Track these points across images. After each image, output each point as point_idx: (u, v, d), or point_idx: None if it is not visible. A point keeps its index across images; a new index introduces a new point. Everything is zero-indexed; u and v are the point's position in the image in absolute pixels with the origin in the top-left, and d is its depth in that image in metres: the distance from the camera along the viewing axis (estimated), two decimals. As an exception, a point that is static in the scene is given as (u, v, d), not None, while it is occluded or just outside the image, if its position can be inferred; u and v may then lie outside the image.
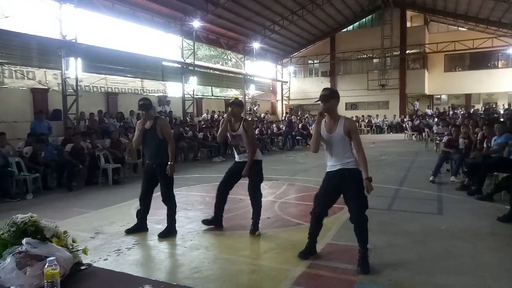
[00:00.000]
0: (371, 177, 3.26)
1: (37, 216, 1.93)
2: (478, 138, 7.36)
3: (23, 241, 1.74)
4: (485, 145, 6.75)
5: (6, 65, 10.97)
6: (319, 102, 3.30)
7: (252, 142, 4.30)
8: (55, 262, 1.55)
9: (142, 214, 4.48)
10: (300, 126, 17.16)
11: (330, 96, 3.30)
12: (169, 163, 4.25)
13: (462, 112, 19.51)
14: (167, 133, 4.34)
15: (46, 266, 1.54)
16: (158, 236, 4.28)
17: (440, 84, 24.92)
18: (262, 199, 4.47)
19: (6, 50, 10.03)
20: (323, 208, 3.50)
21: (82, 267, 1.87)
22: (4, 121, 9.03)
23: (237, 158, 4.49)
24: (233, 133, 4.32)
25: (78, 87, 11.37)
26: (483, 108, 21.67)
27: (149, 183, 4.45)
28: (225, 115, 4.48)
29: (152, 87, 17.48)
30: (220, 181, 4.57)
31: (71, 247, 1.91)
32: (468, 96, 25.10)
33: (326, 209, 3.52)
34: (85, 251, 1.96)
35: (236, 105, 4.32)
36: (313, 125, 3.49)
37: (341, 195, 3.44)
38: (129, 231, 4.42)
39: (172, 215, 4.38)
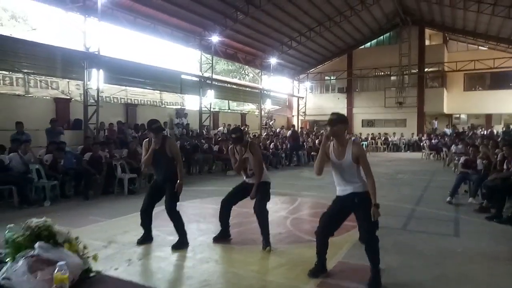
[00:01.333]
0: (379, 204, 3.22)
1: (51, 221, 1.98)
2: (498, 159, 7.17)
3: (36, 245, 1.78)
4: (505, 167, 6.57)
5: (32, 75, 11.38)
6: (327, 125, 3.32)
7: (259, 165, 4.35)
8: (65, 267, 1.58)
9: (147, 225, 4.53)
10: (317, 141, 17.09)
11: (337, 121, 3.28)
12: (178, 181, 4.31)
13: (482, 133, 19.07)
14: (175, 152, 4.42)
15: (56, 271, 1.57)
16: (171, 247, 4.30)
17: (459, 103, 24.51)
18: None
19: (32, 60, 10.44)
20: (327, 228, 3.45)
21: (91, 274, 1.89)
22: (27, 129, 9.31)
23: (245, 179, 4.54)
24: (242, 157, 4.39)
25: (99, 97, 11.67)
26: (503, 129, 21.13)
27: (153, 198, 4.49)
28: (229, 149, 4.58)
29: (170, 99, 17.79)
30: (225, 196, 4.63)
31: (82, 253, 1.94)
32: (488, 116, 24.55)
33: (332, 230, 3.47)
34: (95, 258, 1.99)
35: (235, 132, 4.43)
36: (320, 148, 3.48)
37: (349, 216, 3.41)
38: (139, 242, 4.47)
39: (180, 227, 4.41)
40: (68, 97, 12.27)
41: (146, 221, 4.52)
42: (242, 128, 4.57)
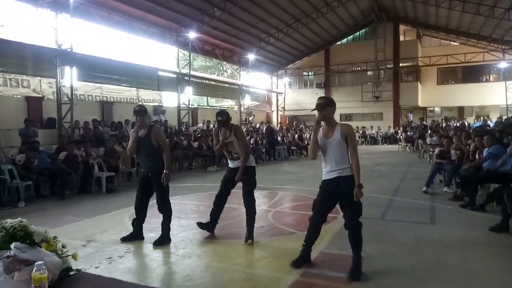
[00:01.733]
0: (362, 184, 3.28)
1: (26, 221, 1.92)
2: (470, 149, 7.44)
3: (12, 246, 1.73)
4: (477, 157, 6.83)
5: (1, 73, 10.95)
6: (315, 110, 3.35)
7: (244, 148, 4.36)
8: (43, 267, 1.54)
9: (138, 223, 4.45)
10: (296, 137, 17.24)
11: (326, 104, 3.35)
12: (164, 171, 4.23)
13: (455, 125, 19.72)
14: (162, 141, 4.34)
15: (34, 271, 1.53)
16: (153, 244, 4.24)
17: (433, 96, 25.24)
18: (257, 208, 4.48)
19: (1, 58, 10.03)
20: (321, 215, 3.51)
21: (71, 273, 1.85)
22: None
23: (230, 164, 4.55)
24: (225, 141, 4.37)
25: (73, 95, 11.36)
26: (475, 121, 21.92)
27: (144, 192, 4.42)
28: (213, 130, 4.56)
29: (147, 97, 17.53)
30: (218, 190, 4.61)
31: (60, 252, 1.90)
32: (460, 109, 25.42)
33: (325, 216, 3.53)
34: (74, 257, 1.95)
35: (221, 115, 4.37)
36: (312, 134, 3.54)
37: (337, 203, 3.47)
38: (124, 239, 4.38)
39: (167, 223, 4.36)
40: (40, 96, 11.90)
41: (140, 218, 4.43)
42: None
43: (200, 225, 4.62)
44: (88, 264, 3.59)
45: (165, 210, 4.34)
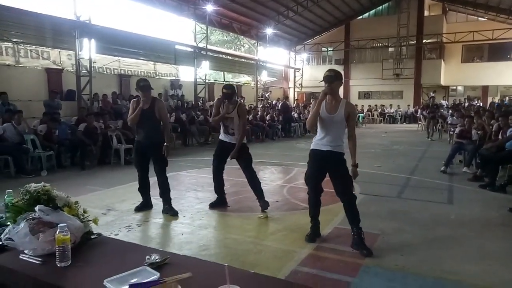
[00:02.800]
0: (358, 164, 3.36)
1: (49, 186, 1.98)
2: (493, 129, 7.22)
3: (36, 208, 1.78)
4: (500, 137, 6.63)
5: (22, 45, 11.08)
6: (322, 81, 3.31)
7: (243, 127, 4.45)
8: (66, 228, 1.59)
9: (144, 191, 4.58)
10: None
11: (335, 77, 3.32)
12: (165, 144, 4.31)
13: (478, 104, 19.10)
14: (164, 115, 4.42)
15: (57, 232, 1.58)
16: (162, 212, 4.41)
17: (456, 75, 24.36)
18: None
19: (21, 29, 10.13)
20: (317, 186, 3.55)
21: (93, 236, 1.92)
22: (20, 100, 9.17)
23: (222, 136, 4.60)
24: (226, 115, 4.42)
25: (92, 68, 11.45)
26: (498, 101, 21.14)
27: (144, 161, 4.49)
28: (216, 100, 4.64)
29: (164, 71, 17.49)
30: (213, 165, 4.67)
31: (82, 217, 1.96)
32: (485, 88, 24.50)
33: (319, 186, 3.57)
34: (95, 221, 2.01)
35: (227, 88, 4.45)
36: (313, 102, 3.53)
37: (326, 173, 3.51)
38: (137, 209, 4.53)
39: (166, 194, 4.46)
40: (60, 68, 12.02)
41: (143, 187, 4.55)
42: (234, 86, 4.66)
43: (212, 205, 4.71)
44: (108, 232, 3.71)
45: (163, 178, 4.43)
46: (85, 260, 1.63)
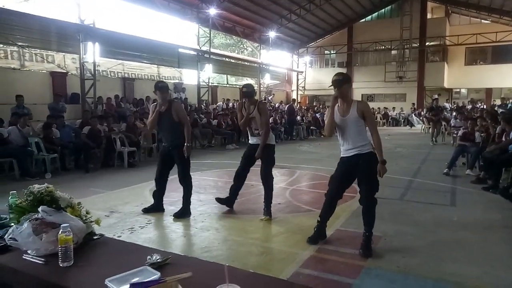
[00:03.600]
0: (385, 160, 3.27)
1: (52, 187, 2.00)
2: (497, 132, 7.20)
3: (39, 209, 1.81)
4: (503, 139, 6.60)
5: (27, 48, 11.18)
6: (331, 86, 3.31)
7: (266, 124, 4.35)
8: (69, 229, 1.62)
9: (158, 195, 4.59)
10: (318, 116, 17.11)
11: (343, 81, 3.30)
12: (185, 144, 4.32)
13: (481, 107, 19.00)
14: (182, 116, 4.42)
15: (60, 232, 1.60)
16: (173, 216, 4.39)
17: (460, 77, 24.30)
18: (275, 185, 4.54)
19: (26, 33, 10.23)
20: (338, 190, 3.50)
21: (95, 237, 1.94)
22: (25, 103, 9.22)
23: (250, 140, 4.58)
24: (249, 116, 4.39)
25: (96, 71, 11.53)
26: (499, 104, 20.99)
27: (165, 165, 4.52)
28: (236, 104, 4.63)
29: (168, 74, 17.58)
30: (239, 166, 4.64)
31: (84, 218, 1.98)
32: (488, 91, 24.40)
33: (341, 192, 3.53)
34: (97, 222, 2.03)
35: (246, 87, 4.45)
36: (327, 110, 3.50)
37: (355, 180, 3.47)
38: (145, 210, 4.55)
39: (188, 196, 4.47)
40: (65, 71, 12.11)
41: (160, 190, 4.56)
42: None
43: (219, 200, 4.72)
44: (111, 233, 3.73)
45: (186, 182, 4.45)
46: (87, 260, 1.65)
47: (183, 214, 4.40)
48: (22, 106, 8.67)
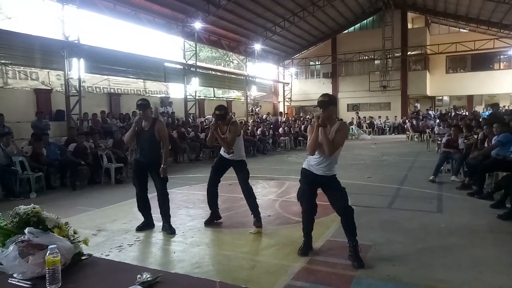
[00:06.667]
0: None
1: (39, 207, 1.97)
2: (479, 138, 7.37)
3: (26, 231, 1.78)
4: (486, 145, 6.77)
5: (10, 66, 11.05)
6: (317, 107, 3.36)
7: (232, 139, 4.42)
8: (56, 250, 1.59)
9: (145, 210, 4.54)
10: (302, 127, 17.21)
11: (329, 103, 3.33)
12: (162, 166, 4.32)
13: (464, 113, 19.46)
14: (163, 136, 4.43)
15: (47, 254, 1.58)
16: (162, 229, 4.39)
17: (441, 85, 24.90)
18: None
19: (9, 51, 10.13)
20: (310, 203, 3.58)
21: (83, 257, 1.91)
22: (8, 121, 9.09)
23: (222, 152, 4.63)
24: (222, 135, 4.45)
25: (81, 87, 11.44)
26: (484, 110, 21.56)
27: (142, 179, 4.48)
28: (211, 122, 4.67)
29: (154, 88, 17.55)
30: (209, 179, 4.67)
31: (72, 238, 1.95)
32: (470, 98, 25.05)
33: (314, 203, 3.60)
34: (85, 242, 2.00)
35: (219, 109, 4.45)
36: (310, 128, 3.52)
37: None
38: (139, 229, 4.48)
39: (167, 212, 4.44)
40: (49, 88, 12.00)
41: (145, 205, 4.52)
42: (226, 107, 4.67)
43: (207, 222, 4.68)
44: (99, 252, 3.66)
45: (164, 199, 4.43)
46: (76, 281, 1.62)
47: (170, 228, 4.37)
48: (2, 125, 8.50)
